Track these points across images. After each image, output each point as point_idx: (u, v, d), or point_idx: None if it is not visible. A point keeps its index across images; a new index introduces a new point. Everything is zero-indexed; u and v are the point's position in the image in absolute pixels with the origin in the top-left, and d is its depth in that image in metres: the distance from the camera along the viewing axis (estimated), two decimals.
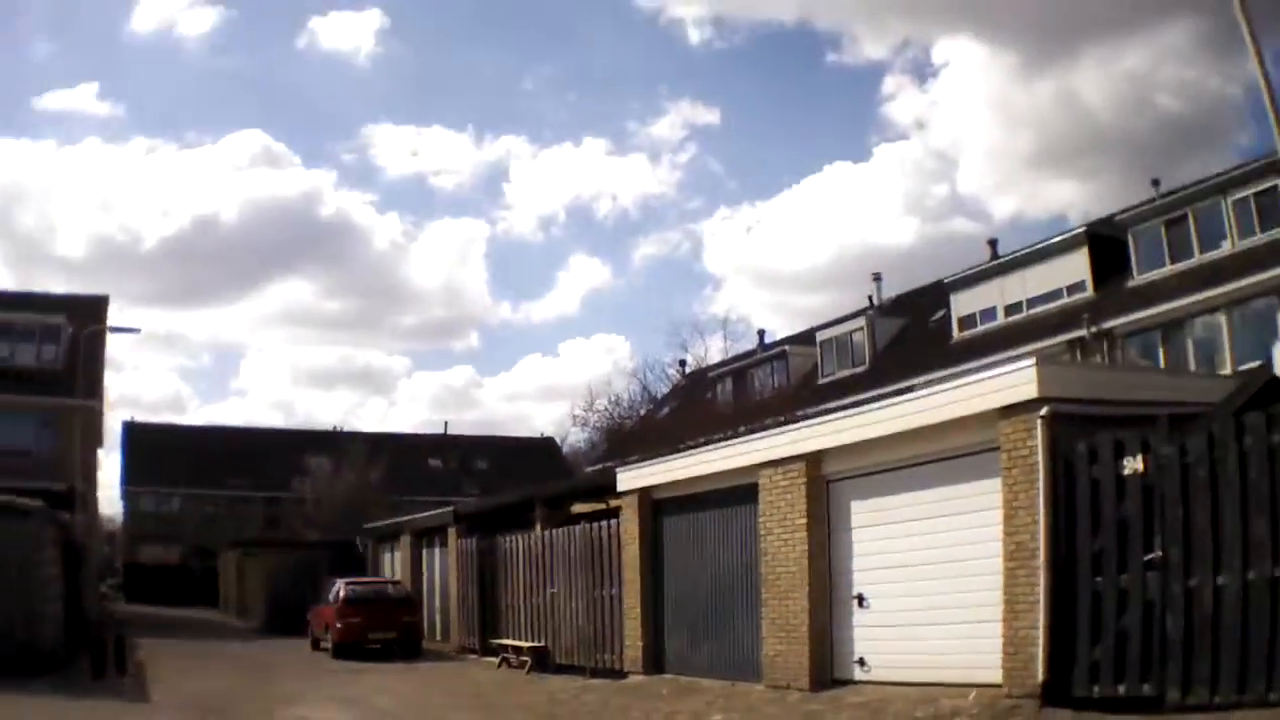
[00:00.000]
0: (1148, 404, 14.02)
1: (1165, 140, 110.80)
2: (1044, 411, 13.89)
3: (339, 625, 31.85)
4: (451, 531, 34.46)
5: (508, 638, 28.72)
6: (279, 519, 71.71)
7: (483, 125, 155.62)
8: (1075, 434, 13.69)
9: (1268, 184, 31.48)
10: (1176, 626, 12.26)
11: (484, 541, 31.42)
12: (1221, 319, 32.44)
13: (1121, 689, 12.77)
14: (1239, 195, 32.72)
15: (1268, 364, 12.45)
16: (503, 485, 59.16)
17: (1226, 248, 33.00)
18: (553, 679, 24.71)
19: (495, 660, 28.47)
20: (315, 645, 34.50)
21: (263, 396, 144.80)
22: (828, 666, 17.77)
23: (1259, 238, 31.89)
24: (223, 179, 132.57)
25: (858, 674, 17.18)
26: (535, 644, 27.07)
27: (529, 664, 26.50)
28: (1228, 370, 30.11)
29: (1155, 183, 40.29)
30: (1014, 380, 14.42)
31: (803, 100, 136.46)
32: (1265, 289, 30.92)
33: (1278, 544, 11.52)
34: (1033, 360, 14.56)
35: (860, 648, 17.25)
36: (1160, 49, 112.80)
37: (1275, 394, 12.26)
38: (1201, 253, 33.82)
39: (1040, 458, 13.89)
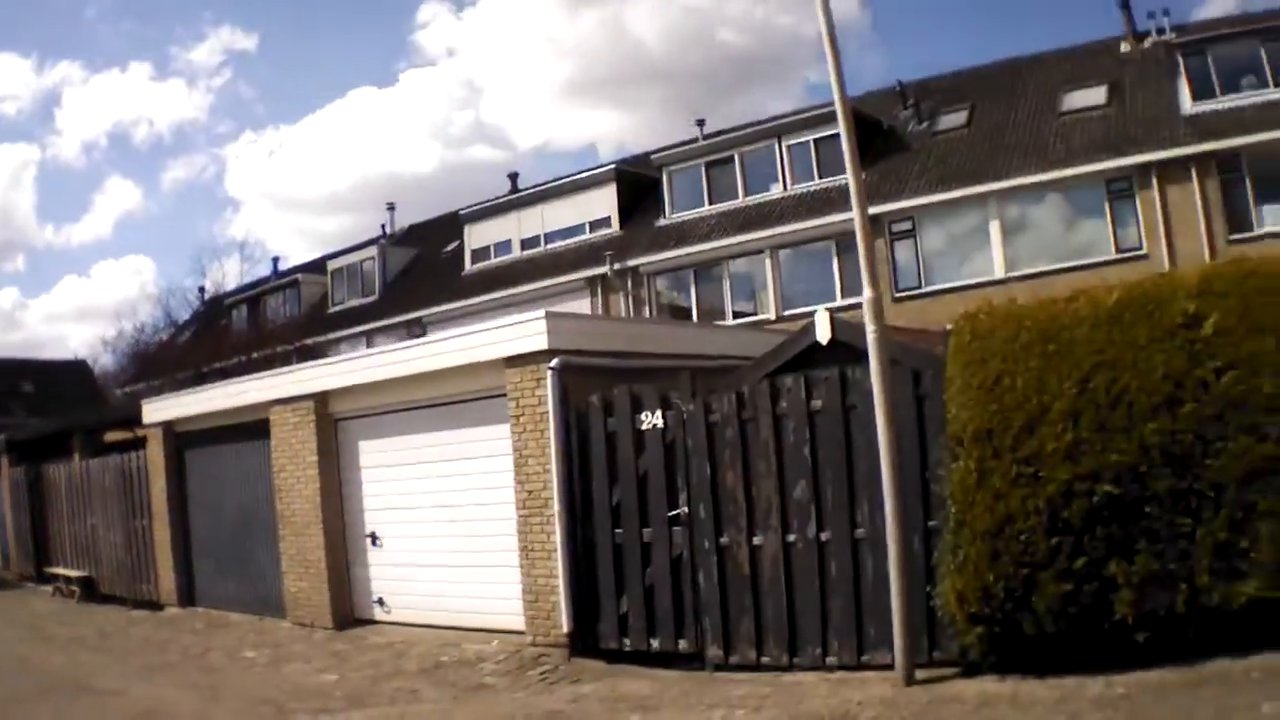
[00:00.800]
0: (674, 356, 14.01)
1: (728, 76, 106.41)
2: (554, 363, 13.49)
3: None
4: (4, 460, 32.05)
5: (59, 566, 27.25)
6: None
7: (45, 52, 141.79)
8: (590, 386, 13.38)
9: (829, 131, 31.36)
10: (710, 584, 12.20)
11: (32, 470, 29.58)
12: (766, 261, 33.16)
13: (655, 643, 12.71)
14: (796, 140, 33.60)
15: (810, 328, 12.08)
16: (48, 409, 54.91)
17: (777, 191, 33.97)
18: (100, 609, 23.97)
19: (50, 589, 26.95)
20: None
21: None
22: (349, 605, 17.37)
23: (815, 184, 33.12)
24: None
25: (378, 614, 16.84)
26: (83, 573, 25.81)
27: (78, 593, 25.50)
28: (771, 315, 31.72)
29: (700, 123, 40.67)
30: (523, 331, 14.00)
31: (337, 26, 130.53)
32: (818, 234, 32.02)
33: (820, 507, 11.54)
34: (542, 313, 14.09)
35: (378, 587, 16.91)
36: None
37: (812, 358, 12.11)
38: (747, 195, 34.58)
39: (550, 408, 13.54)
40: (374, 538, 16.60)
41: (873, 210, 27.92)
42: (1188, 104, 29.81)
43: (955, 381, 10.52)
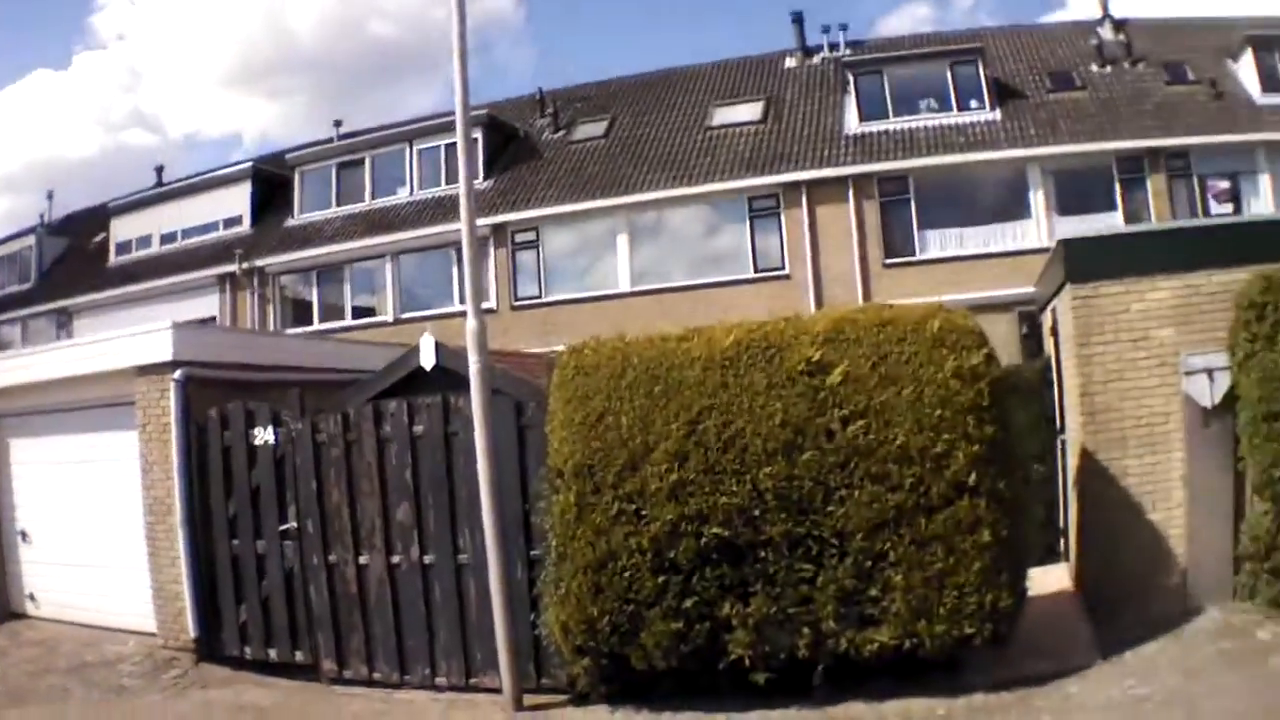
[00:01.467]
0: (295, 369, 9.44)
1: (377, 68, 73.00)
2: (178, 374, 8.88)
3: None
4: None
5: None
6: None
7: None
8: (215, 398, 8.81)
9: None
10: (321, 599, 7.94)
11: None
12: (388, 266, 23.06)
13: (273, 653, 8.30)
14: (427, 145, 23.34)
15: (414, 352, 7.68)
16: None
17: (404, 196, 23.38)
18: None
19: None
20: None
21: None
22: (4, 599, 11.41)
23: (441, 189, 22.46)
24: None
25: (30, 609, 11.12)
26: None
27: None
28: (389, 317, 22.39)
29: (337, 124, 28.10)
30: (150, 342, 9.17)
31: (19, 6, 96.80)
32: (439, 241, 21.62)
33: (423, 530, 7.48)
34: (169, 323, 9.30)
35: (30, 583, 11.14)
36: None
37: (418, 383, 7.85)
38: (374, 198, 23.72)
39: (174, 418, 8.88)
40: (24, 535, 11.20)
41: (498, 219, 21.47)
42: (853, 123, 21.57)
43: (558, 415, 6.73)
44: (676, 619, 6.30)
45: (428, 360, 7.43)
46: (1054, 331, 9.66)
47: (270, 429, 8.13)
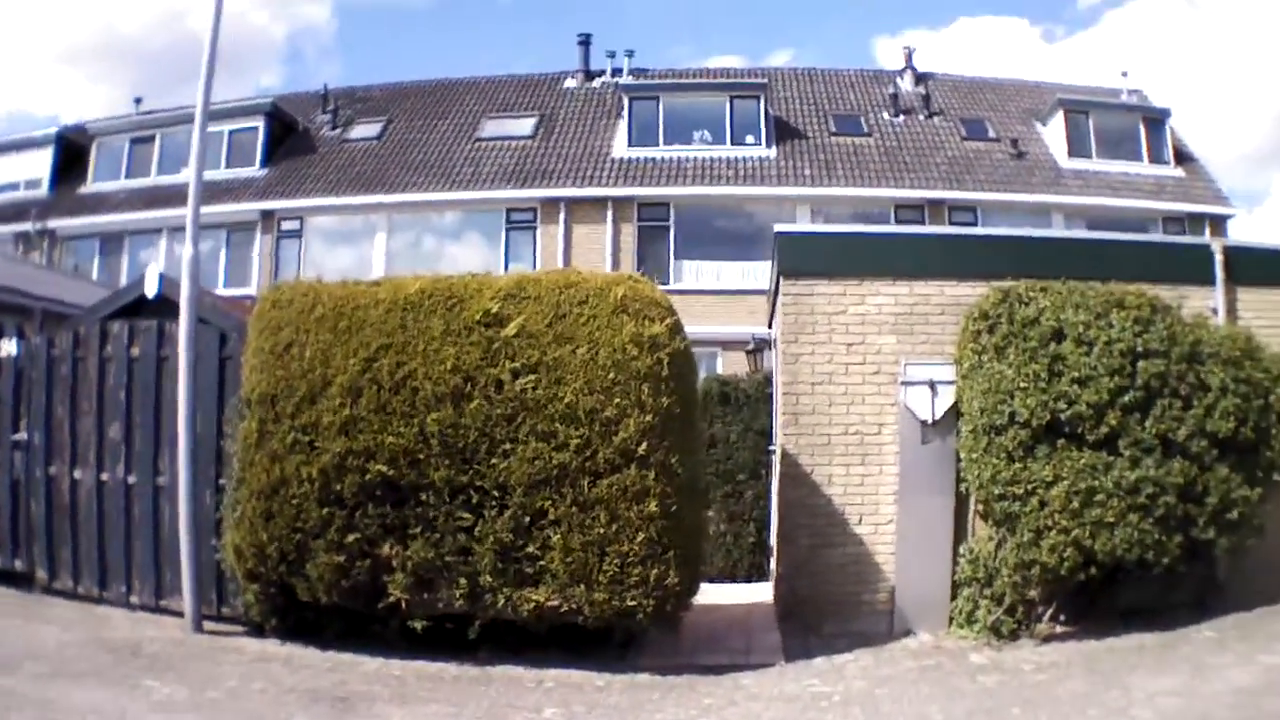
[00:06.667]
0: (42, 298, 9.47)
1: (193, 61, 65.92)
2: None
3: None
4: None
5: None
6: None
7: None
8: None
9: (248, 124, 24.15)
10: (39, 511, 8.05)
11: None
12: (163, 241, 23.46)
13: None
14: (213, 129, 22.53)
15: (140, 280, 7.91)
16: None
17: (185, 175, 23.18)
18: None
19: None
20: None
21: None
22: None
23: (220, 172, 23.24)
24: None
25: None
26: None
27: None
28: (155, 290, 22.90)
29: (138, 101, 28.79)
30: None
31: None
32: (212, 222, 21.71)
33: (130, 450, 7.60)
34: None
35: None
36: None
37: (144, 309, 8.07)
38: (160, 174, 24.25)
39: None
40: None
41: (267, 204, 22.81)
42: (622, 147, 22.67)
43: (252, 345, 6.91)
44: (339, 553, 6.45)
45: (151, 288, 7.65)
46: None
47: (15, 341, 8.30)
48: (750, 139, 22.52)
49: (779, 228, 8.08)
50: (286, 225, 23.08)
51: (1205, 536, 7.36)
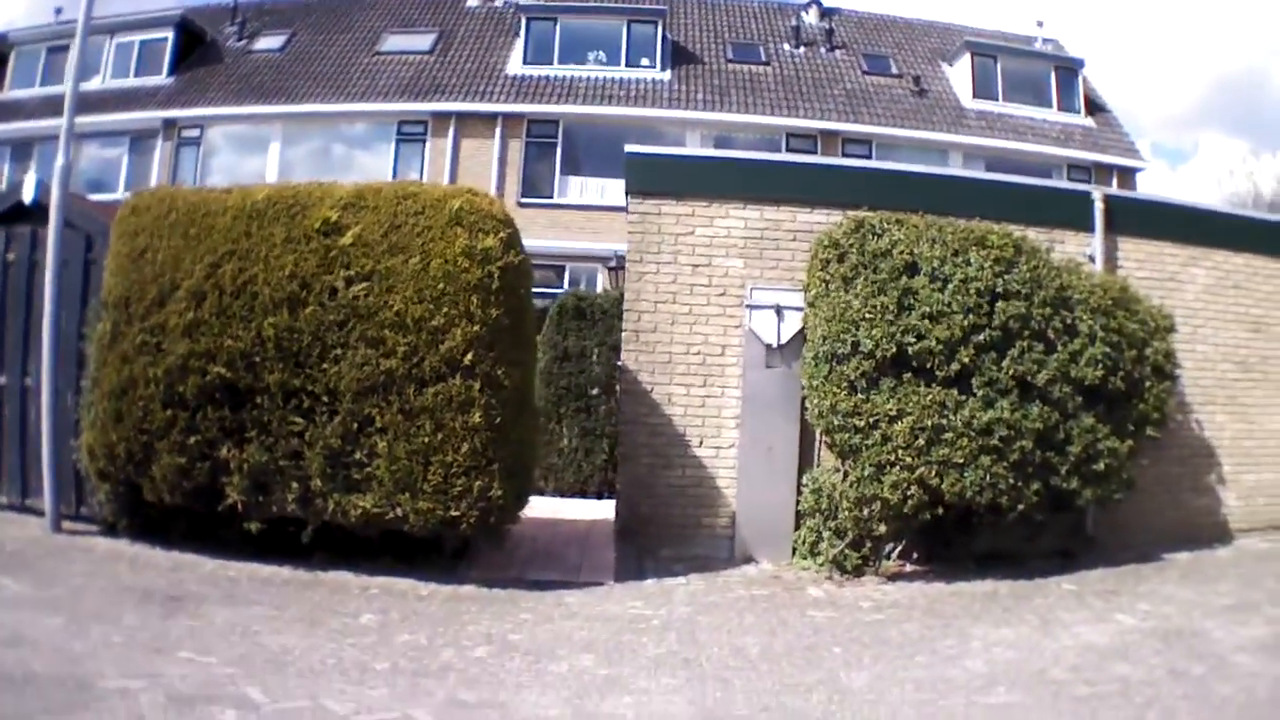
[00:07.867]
0: None
1: None
2: None
3: None
4: None
5: None
6: None
7: None
8: None
9: (157, 35, 24.34)
10: None
11: None
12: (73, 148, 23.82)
13: None
14: (125, 39, 24.51)
15: (18, 187, 8.12)
16: None
17: (96, 83, 23.72)
18: None
19: None
20: None
21: None
22: None
23: (129, 80, 23.93)
24: None
25: None
26: None
27: None
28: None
29: (58, 11, 27.72)
30: None
31: None
32: (119, 128, 23.09)
33: (3, 351, 7.82)
34: None
35: None
36: None
37: (22, 216, 8.21)
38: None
39: None
40: None
41: (169, 113, 23.06)
42: (516, 65, 22.77)
43: (113, 249, 7.13)
44: (181, 454, 6.64)
45: (28, 195, 7.87)
46: None
47: None
48: (645, 61, 22.65)
49: (629, 148, 8.00)
50: (187, 134, 23.42)
51: (1068, 486, 7.34)
